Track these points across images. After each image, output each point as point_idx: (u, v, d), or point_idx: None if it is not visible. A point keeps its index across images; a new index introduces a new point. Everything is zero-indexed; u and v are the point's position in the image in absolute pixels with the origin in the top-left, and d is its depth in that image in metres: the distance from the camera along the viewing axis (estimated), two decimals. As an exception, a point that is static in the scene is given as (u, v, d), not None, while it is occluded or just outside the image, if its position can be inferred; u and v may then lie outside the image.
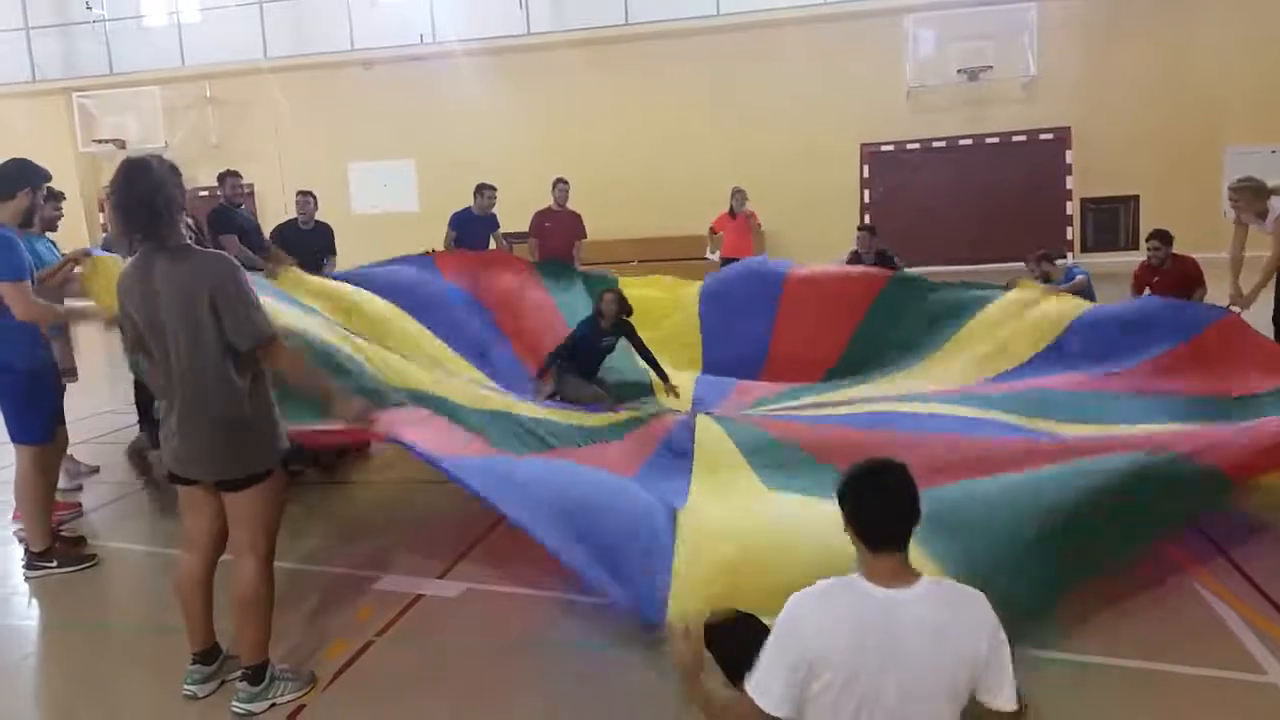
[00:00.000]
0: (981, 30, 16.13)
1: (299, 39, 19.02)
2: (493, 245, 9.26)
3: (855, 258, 9.13)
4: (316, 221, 8.22)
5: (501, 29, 17.92)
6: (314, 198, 8.21)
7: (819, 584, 2.20)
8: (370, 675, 3.41)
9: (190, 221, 4.07)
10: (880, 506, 2.21)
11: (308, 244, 7.75)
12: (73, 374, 5.52)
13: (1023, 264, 8.64)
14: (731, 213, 10.98)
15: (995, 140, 16.71)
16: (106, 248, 5.01)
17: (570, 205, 9.58)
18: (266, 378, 3.10)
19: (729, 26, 17.02)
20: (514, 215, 10.01)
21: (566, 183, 9.57)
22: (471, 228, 9.04)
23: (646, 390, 6.71)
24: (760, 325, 7.55)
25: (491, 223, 9.16)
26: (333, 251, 8.19)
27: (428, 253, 8.32)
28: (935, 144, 16.91)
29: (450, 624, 3.84)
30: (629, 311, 6.83)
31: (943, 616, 2.13)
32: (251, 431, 3.01)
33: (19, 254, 4.17)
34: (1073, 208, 16.60)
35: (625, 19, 17.54)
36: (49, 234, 5.07)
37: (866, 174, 17.20)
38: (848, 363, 7.03)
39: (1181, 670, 3.20)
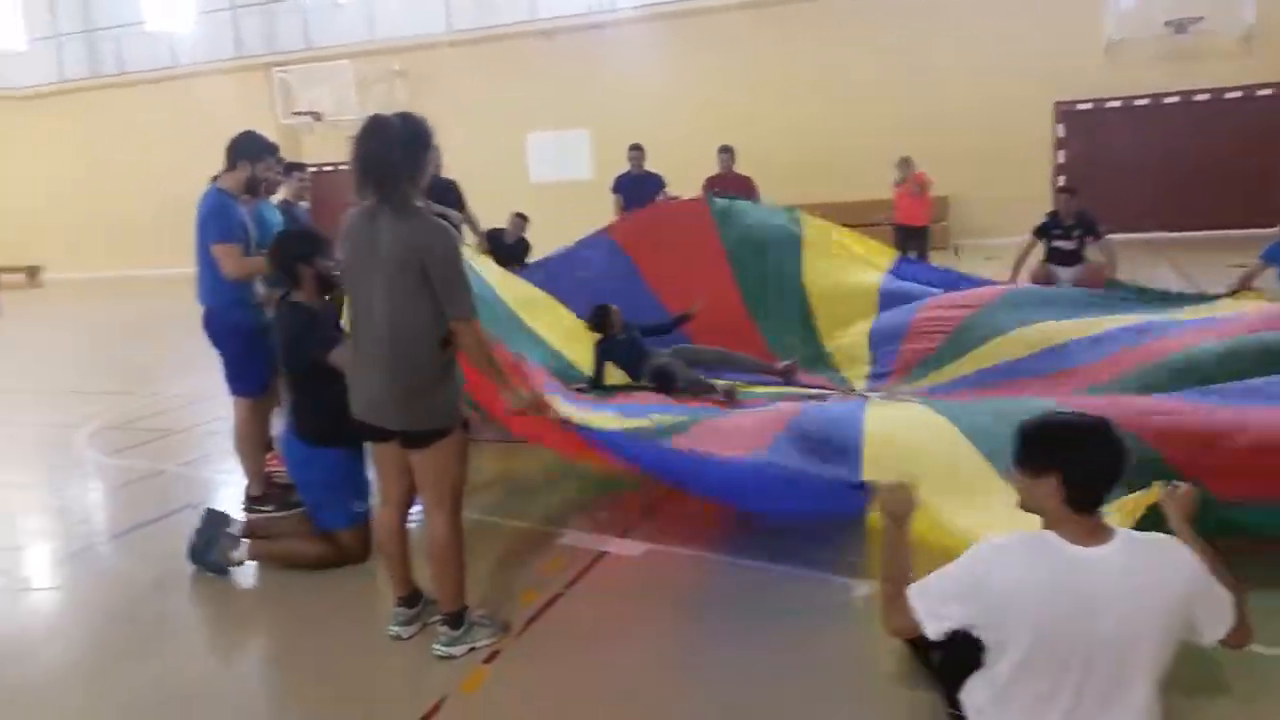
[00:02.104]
0: (1192, -23, 14.87)
1: (481, 11, 19.54)
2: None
3: (1054, 219, 8.65)
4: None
5: (677, -7, 17.86)
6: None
7: (1012, 536, 2.16)
8: (559, 626, 3.49)
9: None
10: (1103, 470, 2.13)
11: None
12: None
13: (1233, 231, 7.84)
14: (897, 183, 10.90)
15: (1205, 97, 15.45)
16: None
17: (745, 169, 9.52)
18: (453, 343, 3.18)
19: (914, -17, 16.34)
20: (688, 182, 10.02)
21: (729, 150, 9.55)
22: (634, 188, 9.15)
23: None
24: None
25: (653, 181, 9.20)
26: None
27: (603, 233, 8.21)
28: (1138, 102, 15.77)
29: (635, 582, 3.89)
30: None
31: (1139, 571, 2.07)
32: (436, 388, 3.10)
33: (229, 219, 4.49)
34: (1293, 171, 15.17)
35: (805, -20, 17.12)
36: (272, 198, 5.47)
37: (1061, 134, 16.23)
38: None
39: None
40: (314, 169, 8.77)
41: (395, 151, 2.98)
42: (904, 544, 2.44)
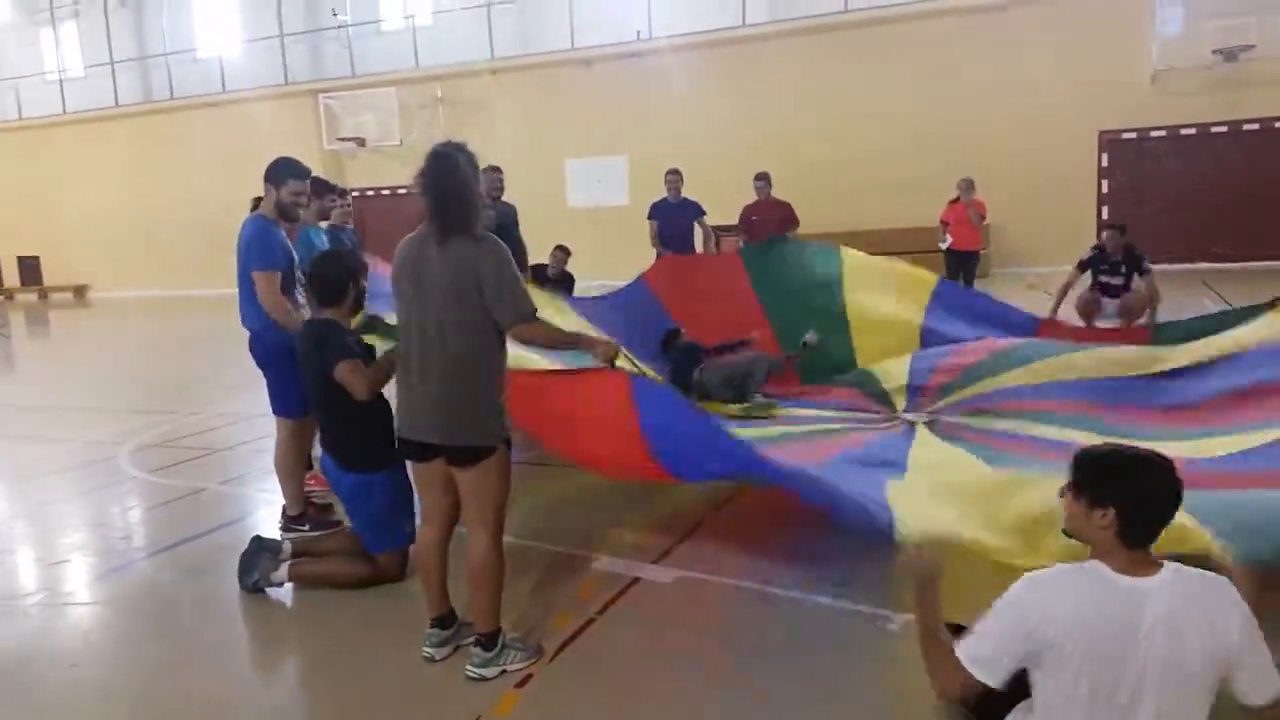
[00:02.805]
0: (1241, 5, 14.69)
1: (523, 39, 19.82)
2: (697, 231, 9.30)
3: (1100, 254, 8.58)
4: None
5: (718, 21, 17.98)
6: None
7: (1057, 568, 2.13)
8: (592, 652, 3.47)
9: None
10: (1159, 507, 2.09)
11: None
12: None
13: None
14: (953, 201, 10.83)
15: (1255, 127, 15.22)
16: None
17: (784, 196, 9.49)
18: (502, 364, 3.24)
19: (954, 9, 16.37)
20: (725, 209, 10.03)
21: (765, 177, 9.51)
22: (670, 215, 9.14)
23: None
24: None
25: (691, 207, 9.18)
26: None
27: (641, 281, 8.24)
28: (1184, 131, 15.58)
29: (667, 609, 3.87)
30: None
31: (1187, 606, 2.03)
32: (484, 406, 3.16)
33: (272, 246, 4.56)
34: (1346, 201, 14.89)
35: (844, 6, 17.17)
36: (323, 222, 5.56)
37: (1105, 163, 16.06)
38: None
39: None
40: (356, 193, 8.91)
41: (465, 186, 3.11)
42: (935, 607, 2.37)
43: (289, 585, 4.12)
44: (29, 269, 25.72)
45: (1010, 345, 6.17)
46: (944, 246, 11.04)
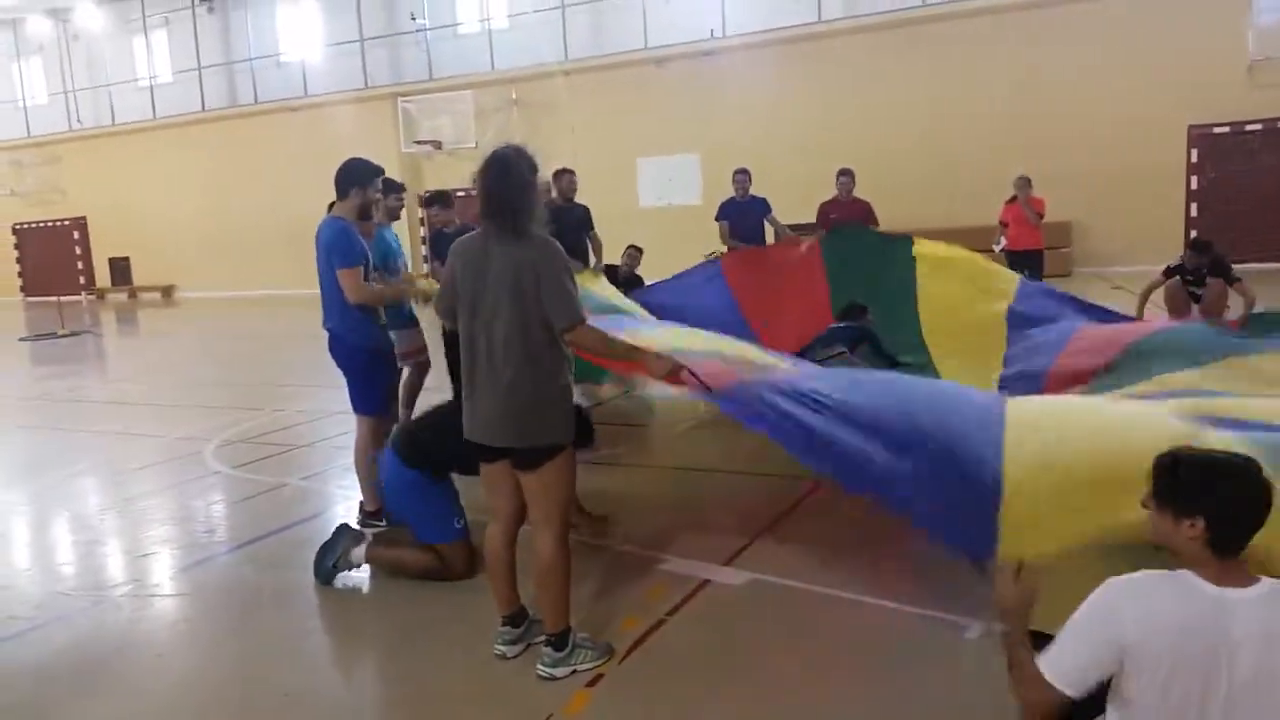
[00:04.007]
0: (1344, -9, 14.05)
1: (597, 40, 19.90)
2: (768, 229, 9.24)
3: (1180, 269, 8.28)
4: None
5: (792, 18, 17.82)
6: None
7: (1141, 573, 2.04)
8: (662, 653, 3.46)
9: None
10: (1249, 514, 2.00)
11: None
12: (421, 353, 6.13)
13: None
14: (1009, 201, 10.51)
15: (1356, 118, 14.52)
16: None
17: (861, 194, 9.36)
18: (568, 362, 3.25)
19: (1035, 4, 15.90)
20: (800, 207, 9.93)
21: (849, 173, 9.37)
22: (739, 214, 9.09)
23: None
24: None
25: (760, 205, 9.12)
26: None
27: (712, 256, 8.32)
28: (1280, 124, 14.93)
29: (738, 612, 3.84)
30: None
31: None
32: (546, 407, 3.17)
33: (354, 244, 4.64)
34: None
35: (922, 0, 16.86)
36: (393, 223, 5.66)
37: (1194, 159, 15.48)
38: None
39: None
40: (461, 193, 9.00)
41: (517, 183, 3.13)
42: (1024, 624, 2.25)
43: (365, 580, 4.22)
44: (119, 270, 26.69)
45: (1157, 333, 5.56)
46: (998, 248, 10.64)
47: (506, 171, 3.14)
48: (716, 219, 9.25)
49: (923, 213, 15.73)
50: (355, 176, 4.77)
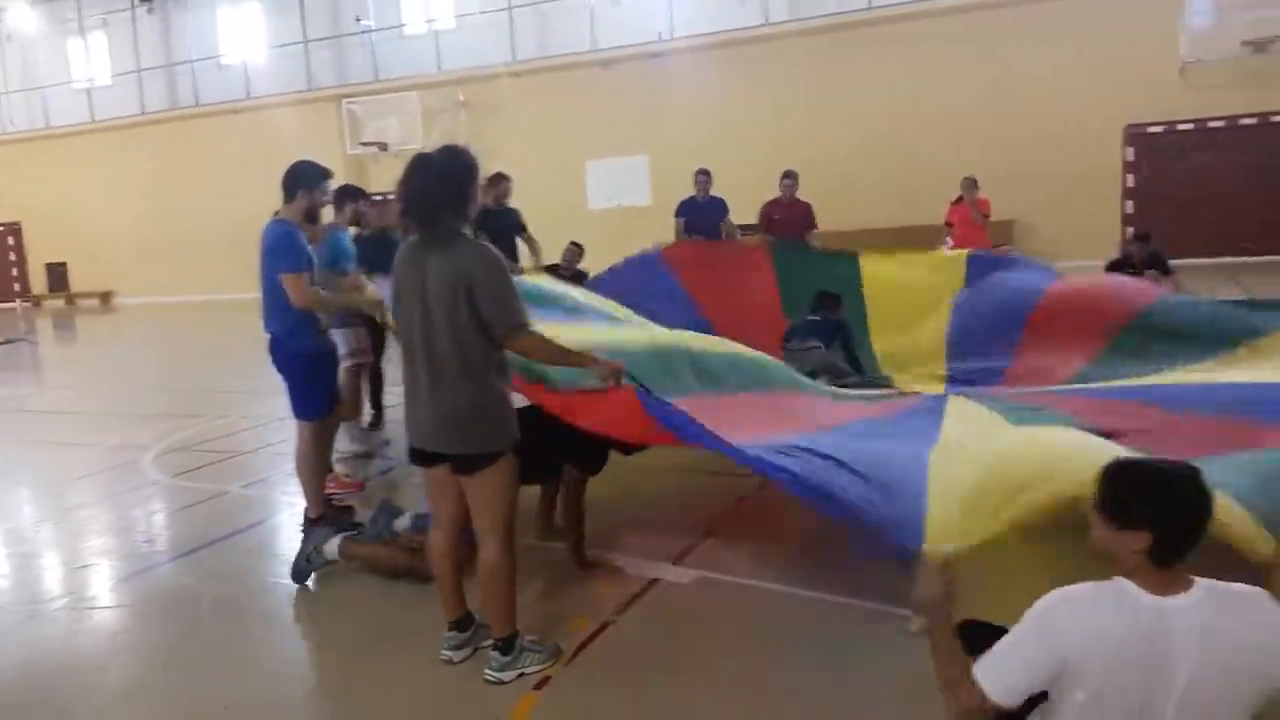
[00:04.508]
0: (1272, -5, 14.47)
1: (544, 41, 19.85)
2: (724, 234, 9.28)
3: (1126, 259, 8.58)
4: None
5: (738, 21, 17.93)
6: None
7: (1081, 586, 2.03)
8: (610, 653, 3.46)
9: None
10: (1196, 526, 1.99)
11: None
12: (365, 354, 6.08)
13: None
14: (955, 202, 10.71)
15: (1285, 118, 14.97)
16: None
17: (804, 197, 9.44)
18: (506, 368, 3.22)
19: (979, 4, 16.17)
20: (747, 208, 9.98)
21: (793, 176, 9.43)
22: (698, 213, 9.14)
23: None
24: (1005, 341, 6.58)
25: (718, 206, 9.17)
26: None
27: (657, 250, 8.31)
28: (1212, 124, 15.34)
29: (686, 610, 3.85)
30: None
31: (1221, 625, 1.93)
32: (487, 413, 3.14)
33: (298, 248, 4.57)
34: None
35: (867, 3, 17.06)
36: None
37: (1130, 157, 15.87)
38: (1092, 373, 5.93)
39: None
40: (379, 197, 8.93)
41: (435, 185, 3.08)
42: (949, 636, 2.25)
43: (314, 591, 4.14)
44: (56, 275, 26.03)
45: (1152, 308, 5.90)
46: (946, 250, 10.78)
47: (422, 172, 3.09)
48: (675, 215, 9.26)
49: (870, 214, 15.95)
50: (303, 179, 4.71)
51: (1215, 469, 2.58)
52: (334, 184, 5.06)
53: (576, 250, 9.13)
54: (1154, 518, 1.99)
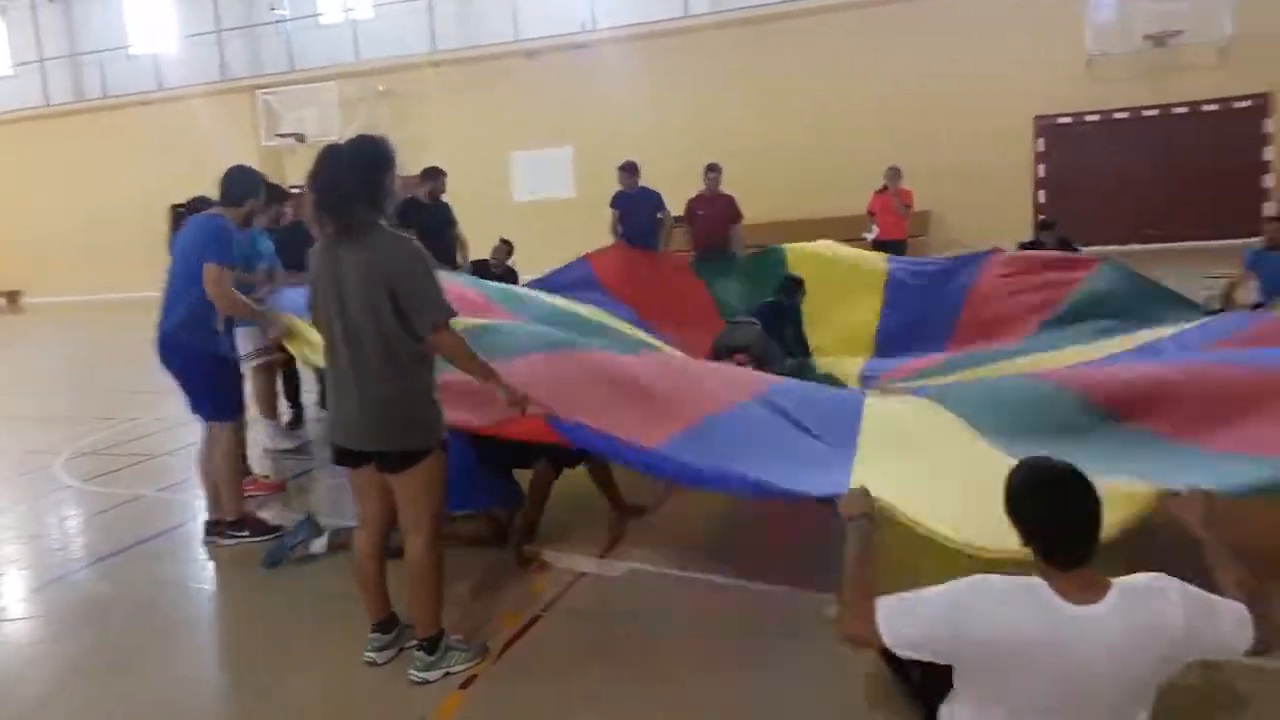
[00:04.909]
0: (1173, -9, 15.03)
1: (465, 30, 19.62)
2: (665, 226, 9.28)
3: (1037, 245, 8.95)
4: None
5: (660, 12, 17.97)
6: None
7: (1000, 578, 2.07)
8: (538, 649, 3.47)
9: None
10: (1074, 528, 2.03)
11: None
12: (267, 353, 5.98)
13: (1212, 243, 8.14)
14: (879, 191, 10.96)
15: (1184, 110, 15.62)
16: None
17: (728, 188, 9.49)
18: (431, 365, 3.18)
19: (896, -1, 16.48)
20: (674, 201, 10.00)
21: (717, 169, 9.44)
22: (632, 205, 9.11)
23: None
24: (944, 321, 7.07)
25: (652, 198, 9.12)
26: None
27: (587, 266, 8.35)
28: (1117, 115, 15.93)
29: (615, 603, 3.87)
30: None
31: (1133, 627, 1.98)
32: (413, 411, 3.10)
33: (230, 244, 4.48)
34: (1271, 181, 15.32)
35: (785, -5, 17.26)
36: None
37: (1041, 148, 16.37)
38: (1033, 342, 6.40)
39: None
40: (296, 190, 8.75)
41: (346, 177, 3.01)
42: (864, 548, 2.35)
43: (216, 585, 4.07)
44: (-41, 275, 24.97)
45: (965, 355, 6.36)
46: (869, 238, 11.04)
47: (332, 164, 3.02)
48: (610, 205, 9.21)
49: (793, 204, 16.15)
50: (254, 192, 4.73)
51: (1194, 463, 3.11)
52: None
53: (506, 247, 9.05)
54: (1025, 518, 2.07)
